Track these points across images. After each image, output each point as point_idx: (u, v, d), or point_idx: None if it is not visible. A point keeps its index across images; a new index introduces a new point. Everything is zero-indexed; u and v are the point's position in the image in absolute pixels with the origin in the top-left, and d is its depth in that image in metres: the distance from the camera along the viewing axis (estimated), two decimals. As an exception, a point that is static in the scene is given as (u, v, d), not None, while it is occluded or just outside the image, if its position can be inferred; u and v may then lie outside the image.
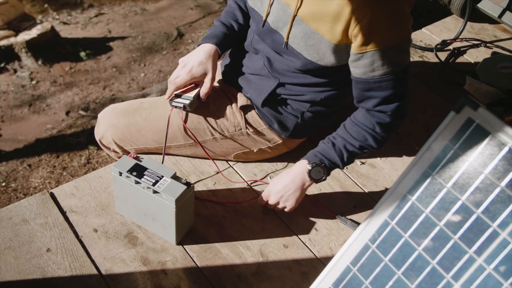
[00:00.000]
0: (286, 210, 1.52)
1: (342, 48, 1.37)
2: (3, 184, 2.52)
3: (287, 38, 1.43)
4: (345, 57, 1.41)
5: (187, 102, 1.55)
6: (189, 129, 1.60)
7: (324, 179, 1.48)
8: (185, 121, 1.60)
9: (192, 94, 1.57)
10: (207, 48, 1.56)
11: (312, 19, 1.36)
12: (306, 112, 1.58)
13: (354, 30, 1.30)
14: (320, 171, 1.46)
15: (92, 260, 1.41)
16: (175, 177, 1.38)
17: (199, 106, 1.60)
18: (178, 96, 1.58)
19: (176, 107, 1.57)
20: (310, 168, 1.46)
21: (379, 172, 1.74)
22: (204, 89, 1.56)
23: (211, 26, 1.65)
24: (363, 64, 1.35)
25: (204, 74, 1.55)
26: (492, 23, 2.58)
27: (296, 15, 1.39)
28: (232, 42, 1.64)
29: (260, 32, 1.52)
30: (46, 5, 4.08)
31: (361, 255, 1.14)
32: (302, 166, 1.48)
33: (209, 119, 1.60)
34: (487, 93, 2.05)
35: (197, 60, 1.54)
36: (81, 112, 3.04)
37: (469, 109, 1.03)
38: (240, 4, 1.66)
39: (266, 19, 1.48)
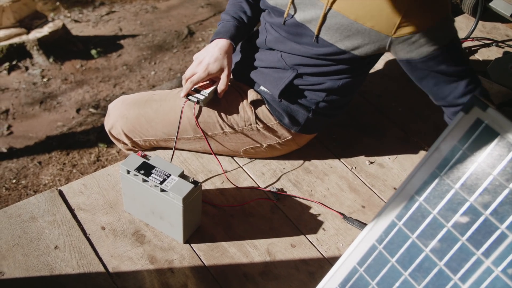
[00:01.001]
0: None
1: (382, 37, 1.38)
2: (14, 181, 2.54)
3: (318, 31, 1.44)
4: (382, 47, 1.41)
5: (202, 97, 1.55)
6: (200, 123, 1.60)
7: None
8: (195, 114, 1.60)
9: (208, 90, 1.57)
10: (222, 44, 1.55)
11: (351, 10, 1.37)
12: (321, 102, 1.58)
13: (400, 12, 1.32)
14: None
15: (100, 258, 1.41)
16: (182, 176, 1.38)
17: (209, 101, 1.60)
18: (193, 90, 1.58)
19: (190, 100, 1.57)
20: None
21: (388, 172, 1.73)
22: (221, 85, 1.56)
23: (219, 21, 1.65)
24: (421, 44, 1.36)
25: (221, 70, 1.55)
26: (504, 22, 2.55)
27: (330, 8, 1.39)
28: (244, 34, 1.65)
29: (282, 26, 1.53)
30: (57, 3, 4.10)
31: (368, 255, 1.14)
32: None
33: (219, 113, 1.61)
34: (498, 93, 2.03)
35: (212, 57, 1.53)
36: (92, 110, 3.05)
37: (478, 110, 1.02)
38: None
39: (290, 14, 1.48)
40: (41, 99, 3.13)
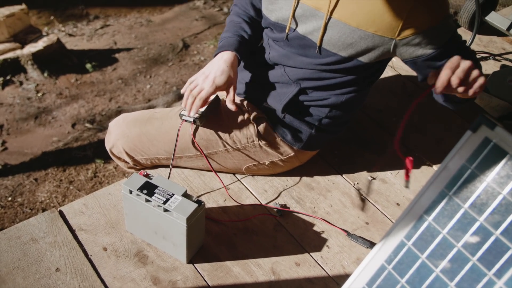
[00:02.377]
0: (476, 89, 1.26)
1: (386, 41, 1.38)
2: (10, 198, 2.51)
3: (320, 42, 1.43)
4: (385, 52, 1.42)
5: (197, 116, 1.54)
6: (199, 141, 1.59)
7: None
8: (198, 131, 1.59)
9: (202, 109, 1.55)
10: (227, 56, 1.52)
11: (352, 18, 1.37)
12: (324, 118, 1.58)
13: (403, 14, 1.32)
14: None
15: (102, 280, 1.39)
16: (186, 195, 1.36)
17: (211, 118, 1.59)
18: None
19: (186, 121, 1.56)
20: None
21: (390, 187, 1.73)
22: (230, 98, 1.51)
23: (219, 38, 1.63)
24: (427, 42, 1.37)
25: (228, 83, 1.50)
26: (501, 35, 2.57)
27: (330, 17, 1.39)
28: (247, 50, 1.61)
29: (285, 41, 1.52)
30: (52, 17, 4.09)
31: (377, 276, 1.13)
32: None
33: (221, 130, 1.59)
34: (497, 107, 2.03)
35: (219, 69, 1.49)
36: (87, 125, 3.03)
37: (486, 128, 1.02)
38: (245, 18, 1.64)
39: (292, 28, 1.47)
40: (36, 114, 3.11)
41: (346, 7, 1.37)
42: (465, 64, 1.20)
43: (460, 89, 1.23)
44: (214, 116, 1.60)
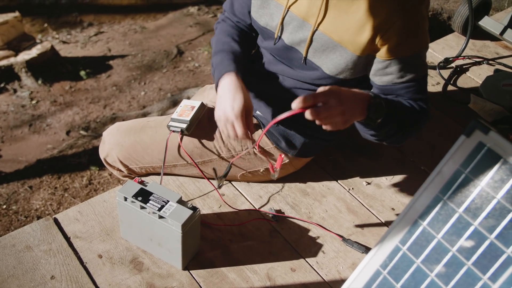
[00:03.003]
0: (325, 126, 1.24)
1: (363, 60, 1.38)
2: (4, 206, 2.50)
3: (306, 53, 1.43)
4: (363, 70, 1.42)
5: (184, 126, 1.56)
6: (194, 149, 1.59)
7: (373, 123, 1.31)
8: (192, 140, 1.60)
9: (188, 117, 1.58)
10: (229, 81, 1.42)
11: (335, 33, 1.37)
12: (317, 126, 1.57)
13: (382, 38, 1.32)
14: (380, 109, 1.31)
15: (97, 287, 1.38)
16: (180, 202, 1.36)
17: (205, 126, 1.59)
18: (176, 120, 1.58)
19: (174, 131, 1.57)
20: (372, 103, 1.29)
21: (385, 192, 1.73)
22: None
23: (212, 66, 1.54)
24: (391, 71, 1.38)
25: (245, 105, 1.38)
26: (494, 40, 2.58)
27: (316, 29, 1.39)
28: (241, 67, 1.54)
29: (273, 49, 1.52)
30: (45, 25, 4.09)
31: (372, 281, 1.13)
32: (366, 94, 1.28)
33: (216, 138, 1.59)
34: (491, 111, 2.04)
35: (230, 99, 1.38)
36: (82, 132, 3.03)
37: (480, 133, 1.02)
38: (234, 36, 1.58)
39: (280, 36, 1.47)
40: (30, 121, 3.10)
41: (332, 21, 1.37)
42: (333, 110, 1.18)
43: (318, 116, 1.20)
44: (209, 124, 1.60)
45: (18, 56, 3.42)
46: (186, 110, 1.61)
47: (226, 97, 1.39)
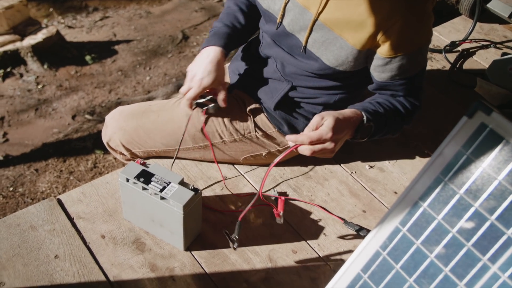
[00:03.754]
0: (321, 155, 1.29)
1: (363, 54, 1.38)
2: (11, 189, 2.52)
3: (306, 42, 1.43)
4: (362, 63, 1.42)
5: (211, 105, 1.55)
6: (196, 133, 1.59)
7: (359, 140, 1.38)
8: (194, 123, 1.59)
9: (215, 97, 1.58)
10: (213, 54, 1.52)
11: (336, 24, 1.36)
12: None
13: (383, 36, 1.31)
14: (368, 131, 1.37)
15: (100, 267, 1.40)
16: (182, 183, 1.37)
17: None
18: (202, 97, 1.57)
19: (198, 107, 1.57)
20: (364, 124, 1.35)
21: (388, 176, 1.73)
22: (220, 97, 1.54)
23: (211, 28, 1.62)
24: (391, 69, 1.38)
25: (216, 82, 1.51)
26: (502, 23, 2.55)
27: (317, 19, 1.38)
28: (237, 42, 1.62)
29: (274, 34, 1.52)
30: (51, 9, 4.09)
31: (372, 262, 1.13)
32: (359, 119, 1.35)
33: (218, 122, 1.60)
34: (497, 95, 2.03)
35: (205, 70, 1.50)
36: (87, 116, 3.04)
37: (482, 114, 1.01)
38: (241, 6, 1.64)
39: (281, 21, 1.47)
40: (36, 106, 3.11)
41: (332, 13, 1.36)
42: (327, 150, 1.26)
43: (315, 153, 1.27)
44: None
45: (24, 40, 3.42)
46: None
47: (203, 64, 1.51)
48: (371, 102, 1.42)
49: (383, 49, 1.35)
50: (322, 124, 1.26)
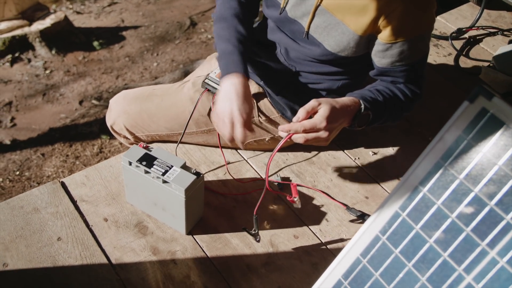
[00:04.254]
0: (315, 143, 1.29)
1: (364, 39, 1.37)
2: (17, 172, 2.54)
3: (308, 27, 1.42)
4: (364, 48, 1.42)
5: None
6: (199, 117, 1.60)
7: (356, 128, 1.38)
8: (198, 107, 1.59)
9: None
10: (239, 85, 1.36)
11: (338, 9, 1.35)
12: None
13: (384, 21, 1.31)
14: (366, 119, 1.37)
15: (102, 249, 1.41)
16: (184, 167, 1.37)
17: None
18: (213, 80, 1.56)
19: (209, 90, 1.57)
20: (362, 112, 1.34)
21: (391, 162, 1.72)
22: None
23: (221, 52, 1.48)
24: (391, 54, 1.37)
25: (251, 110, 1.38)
26: (510, 10, 2.52)
27: (319, 5, 1.37)
28: (248, 54, 1.51)
29: (277, 19, 1.51)
30: (59, -5, 4.09)
31: (371, 246, 1.13)
32: (357, 107, 1.33)
33: None
34: (503, 83, 2.01)
35: (239, 102, 1.34)
36: (94, 102, 3.05)
37: (483, 99, 1.01)
38: (237, 13, 1.52)
39: (284, 7, 1.46)
40: (44, 91, 3.12)
41: None
42: (321, 134, 1.24)
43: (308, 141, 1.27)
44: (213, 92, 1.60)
45: (32, 25, 3.43)
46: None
47: (233, 97, 1.34)
48: (370, 90, 1.42)
49: (384, 35, 1.34)
50: (317, 111, 1.25)
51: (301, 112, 1.25)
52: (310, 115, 1.26)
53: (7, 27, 3.37)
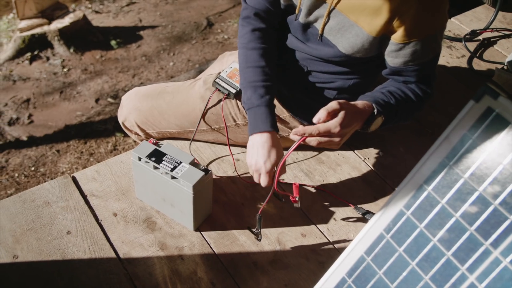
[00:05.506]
0: (327, 146, 1.31)
1: (378, 41, 1.38)
2: (33, 168, 2.58)
3: (322, 30, 1.43)
4: (377, 48, 1.42)
5: (233, 91, 1.56)
6: (210, 115, 1.61)
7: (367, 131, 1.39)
8: (208, 106, 1.60)
9: (238, 84, 1.58)
10: (268, 142, 1.40)
11: (352, 11, 1.36)
12: (333, 99, 1.57)
13: (397, 21, 1.32)
14: (377, 122, 1.38)
15: (111, 244, 1.43)
16: (193, 163, 1.38)
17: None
18: (224, 80, 1.58)
19: (219, 90, 1.58)
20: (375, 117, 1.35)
21: (401, 162, 1.72)
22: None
23: (249, 103, 1.46)
24: (404, 54, 1.38)
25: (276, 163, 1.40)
26: (526, 13, 2.51)
27: (334, 8, 1.38)
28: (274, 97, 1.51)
29: (293, 24, 1.52)
30: (79, -6, 4.15)
31: (375, 245, 1.13)
32: (369, 111, 1.34)
33: (232, 104, 1.61)
34: (517, 85, 2.00)
35: (264, 156, 1.39)
36: (110, 100, 3.08)
37: (489, 98, 1.00)
38: (261, 52, 1.50)
39: (299, 13, 1.47)
40: (61, 88, 3.17)
41: (349, 0, 1.36)
42: (334, 139, 1.26)
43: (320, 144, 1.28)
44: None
45: (52, 24, 3.48)
46: (236, 74, 1.61)
47: (260, 151, 1.39)
48: (382, 92, 1.42)
49: (397, 35, 1.34)
50: (336, 115, 1.26)
51: (322, 113, 1.25)
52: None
53: (27, 26, 3.42)
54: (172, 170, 1.35)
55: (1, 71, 3.26)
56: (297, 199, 1.42)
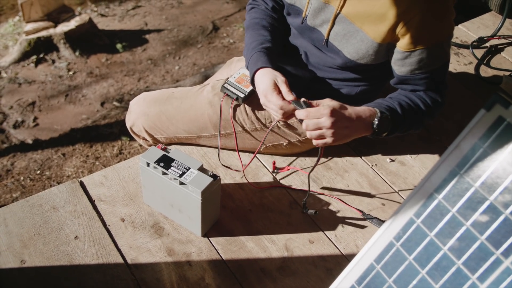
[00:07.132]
0: (319, 142, 1.34)
1: (384, 47, 1.38)
2: (38, 172, 2.59)
3: (328, 35, 1.43)
4: (384, 56, 1.42)
5: (242, 95, 1.56)
6: (217, 121, 1.60)
7: (380, 136, 1.40)
8: (216, 111, 1.60)
9: (248, 88, 1.58)
10: (261, 72, 1.46)
11: (357, 17, 1.37)
12: None
13: (402, 29, 1.32)
14: (387, 123, 1.38)
15: (119, 249, 1.43)
16: (202, 169, 1.38)
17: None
18: (232, 85, 1.58)
19: (228, 95, 1.58)
20: (378, 117, 1.36)
21: (409, 170, 1.72)
22: (284, 91, 1.42)
23: (247, 55, 1.54)
24: (410, 63, 1.38)
25: (273, 83, 1.42)
26: (533, 20, 2.50)
27: (339, 13, 1.38)
28: (275, 56, 1.56)
29: (298, 27, 1.53)
30: (85, -2, 4.16)
31: (385, 253, 1.13)
32: (371, 115, 1.36)
33: (240, 110, 1.61)
34: (525, 92, 1.99)
35: (265, 89, 1.43)
36: (115, 103, 3.08)
37: (500, 107, 1.00)
38: (267, 20, 1.58)
39: (306, 16, 1.48)
40: (67, 92, 3.18)
41: (354, 6, 1.37)
42: (323, 122, 1.28)
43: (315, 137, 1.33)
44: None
45: (57, 27, 3.49)
46: (244, 79, 1.61)
47: (259, 83, 1.45)
48: (386, 100, 1.43)
49: (403, 43, 1.35)
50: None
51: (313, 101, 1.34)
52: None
53: (33, 29, 3.43)
54: (180, 176, 1.35)
55: (6, 74, 3.27)
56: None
